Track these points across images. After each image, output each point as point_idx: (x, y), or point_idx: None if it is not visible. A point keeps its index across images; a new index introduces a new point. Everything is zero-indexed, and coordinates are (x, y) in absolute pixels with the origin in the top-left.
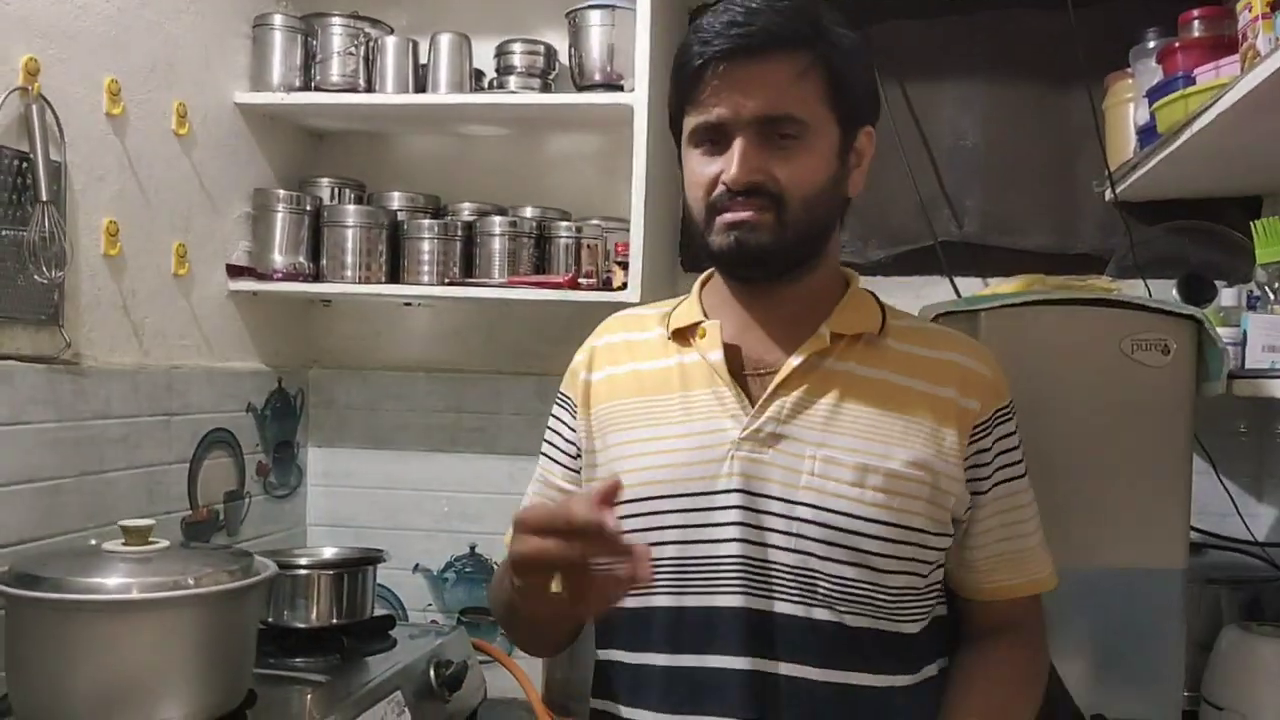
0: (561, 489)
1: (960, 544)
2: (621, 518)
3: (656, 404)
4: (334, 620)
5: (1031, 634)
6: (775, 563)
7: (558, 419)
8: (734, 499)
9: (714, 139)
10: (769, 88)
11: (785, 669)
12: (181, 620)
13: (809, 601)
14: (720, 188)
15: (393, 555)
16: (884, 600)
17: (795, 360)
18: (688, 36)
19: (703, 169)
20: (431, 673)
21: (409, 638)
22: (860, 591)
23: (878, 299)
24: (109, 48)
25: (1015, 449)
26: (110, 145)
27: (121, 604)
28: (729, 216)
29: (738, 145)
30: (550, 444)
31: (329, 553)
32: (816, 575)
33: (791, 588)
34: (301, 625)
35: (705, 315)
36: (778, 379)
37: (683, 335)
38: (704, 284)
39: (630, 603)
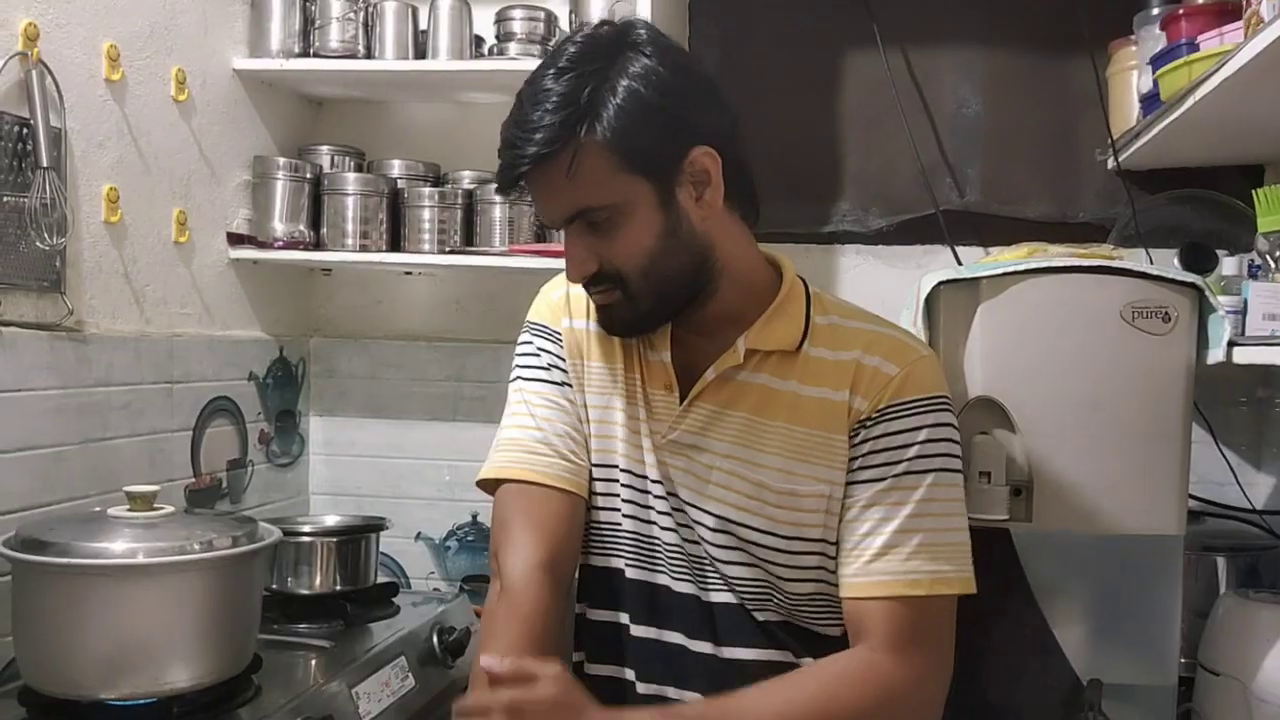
0: (572, 406)
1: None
2: (594, 480)
3: (617, 374)
4: (337, 587)
5: (893, 642)
6: (697, 556)
7: (545, 350)
8: (659, 490)
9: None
10: (557, 193)
11: (727, 652)
12: (187, 585)
13: (733, 591)
14: None
15: (395, 524)
16: (794, 604)
17: (710, 375)
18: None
19: None
20: (435, 639)
21: (412, 605)
22: (769, 592)
23: (809, 298)
24: (108, 12)
25: (908, 446)
26: (110, 111)
27: (128, 569)
28: (595, 300)
29: (565, 244)
30: (549, 367)
31: (331, 520)
32: (729, 575)
33: (716, 577)
34: (305, 592)
35: None
36: (694, 391)
37: None
38: None
39: (597, 562)
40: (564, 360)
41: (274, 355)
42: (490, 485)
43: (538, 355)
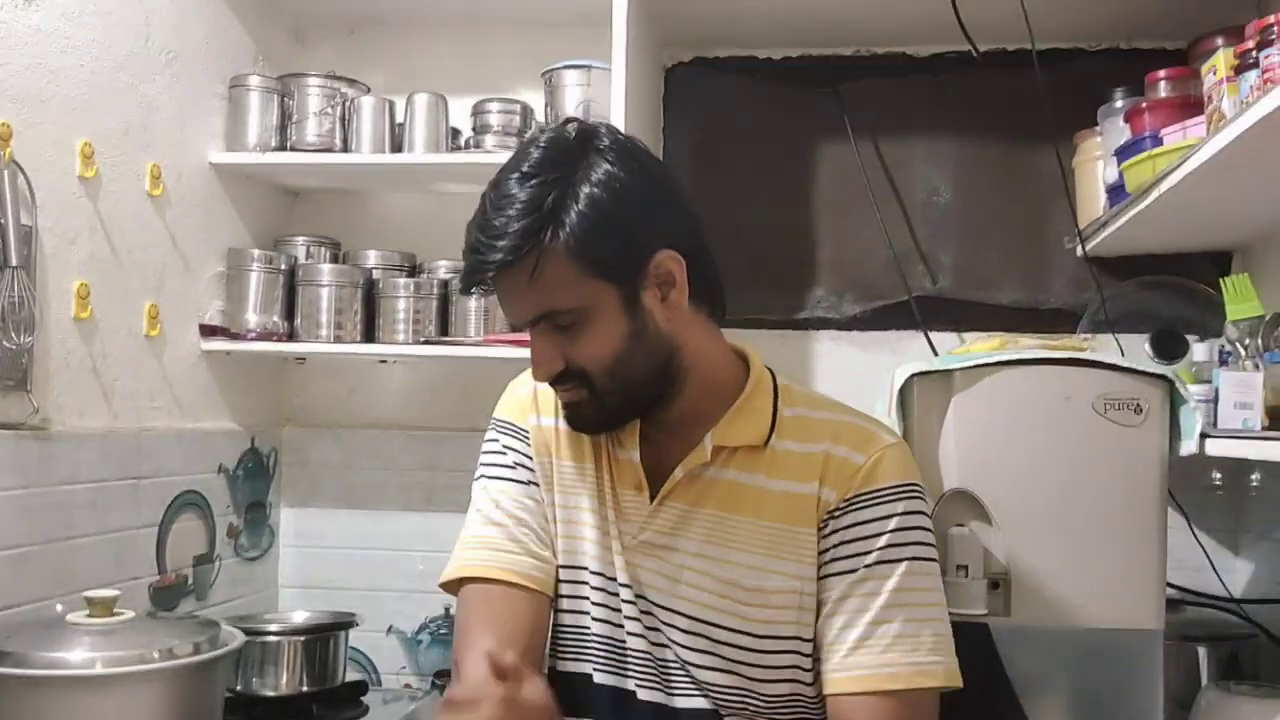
0: (538, 505)
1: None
2: (561, 581)
3: (586, 473)
4: (304, 688)
5: None
6: (665, 660)
7: (512, 448)
8: (628, 594)
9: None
10: (521, 297)
11: None
12: (147, 693)
13: (706, 697)
14: None
15: (366, 617)
16: (770, 709)
17: (679, 474)
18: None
19: None
20: None
21: (382, 703)
22: (743, 698)
23: (776, 390)
24: (82, 111)
25: (878, 535)
26: (82, 208)
27: (85, 679)
28: (561, 398)
29: (531, 344)
30: (515, 465)
31: (299, 618)
32: (703, 680)
33: (688, 683)
34: (270, 694)
35: None
36: (663, 491)
37: None
38: None
39: (565, 667)
40: (531, 459)
41: (245, 446)
42: (454, 586)
43: (504, 454)
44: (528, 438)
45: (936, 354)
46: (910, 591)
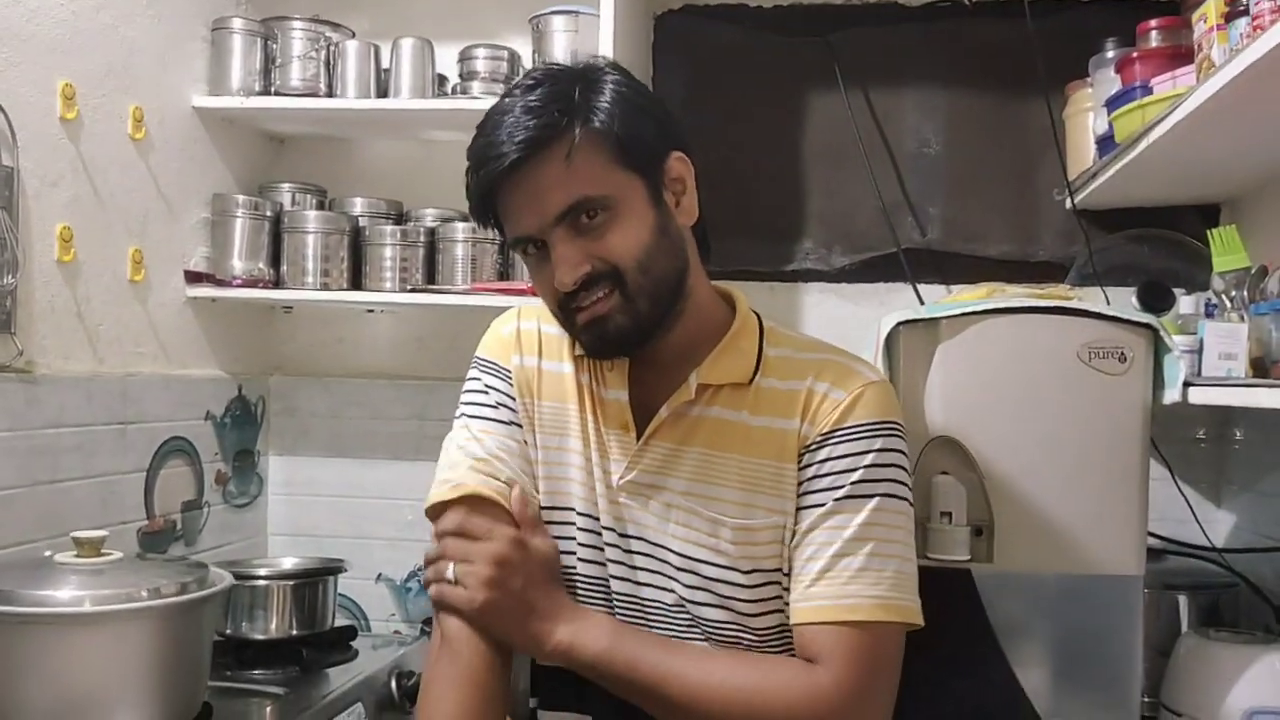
0: (521, 446)
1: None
2: (548, 522)
3: (570, 414)
4: (293, 631)
5: (833, 673)
6: (648, 600)
7: (494, 388)
8: (613, 535)
9: (536, 245)
10: (552, 186)
11: None
12: (134, 633)
13: (688, 635)
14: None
15: (355, 565)
16: (756, 640)
17: (664, 412)
18: (469, 162)
19: (542, 279)
20: (393, 684)
21: (371, 648)
22: (736, 632)
23: (762, 330)
24: (63, 51)
25: (852, 470)
26: (64, 150)
27: (73, 617)
28: (582, 316)
29: (554, 249)
30: (497, 405)
31: (288, 563)
32: (692, 615)
33: (666, 623)
34: (260, 637)
35: None
36: (649, 430)
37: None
38: None
39: None
40: (514, 399)
41: (232, 394)
42: (437, 513)
43: (486, 393)
44: (510, 377)
45: (924, 306)
46: (878, 527)
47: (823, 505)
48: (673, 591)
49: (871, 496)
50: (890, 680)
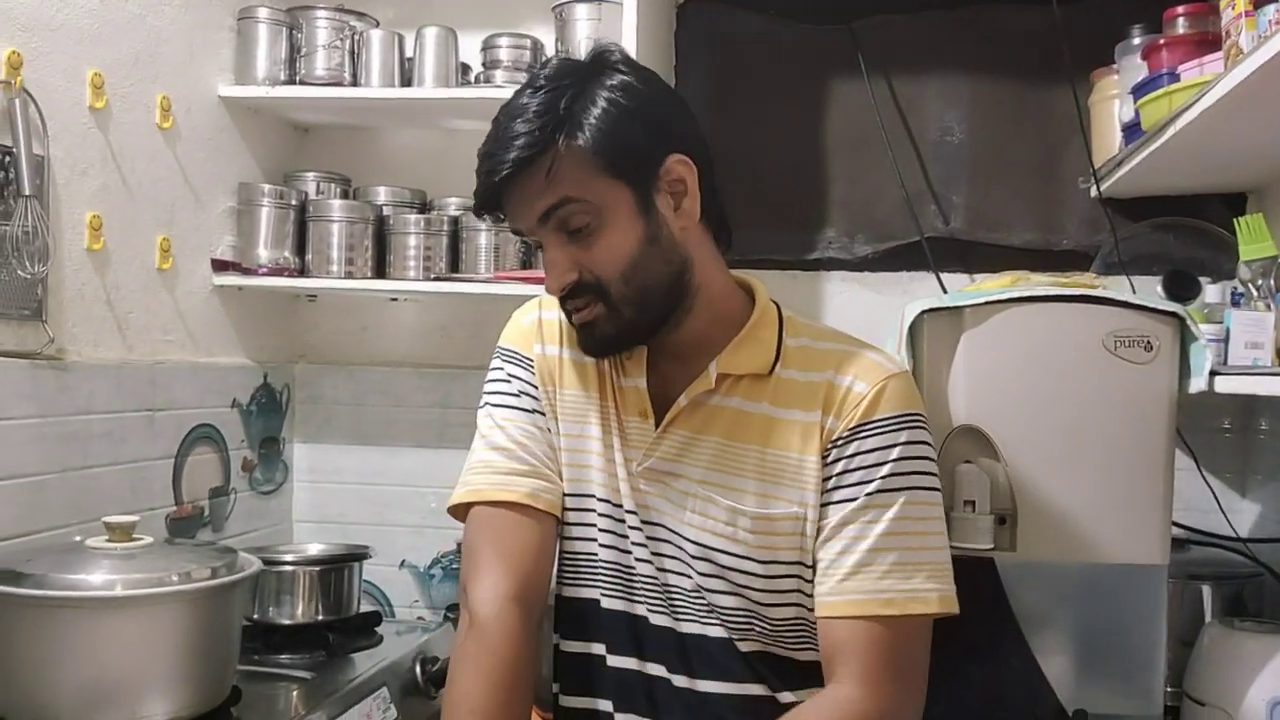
0: (544, 434)
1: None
2: (568, 510)
3: (591, 401)
4: (319, 617)
5: (864, 670)
6: (674, 586)
7: (517, 376)
8: (634, 520)
9: (535, 242)
10: (536, 198)
11: (702, 685)
12: (165, 617)
13: (707, 621)
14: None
15: (379, 551)
16: (771, 629)
17: (683, 400)
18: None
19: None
20: (417, 669)
21: (395, 634)
22: (751, 621)
23: (781, 322)
24: (92, 40)
25: (881, 464)
26: (93, 139)
27: (105, 600)
28: (574, 318)
29: (546, 253)
30: (520, 393)
31: (314, 549)
32: (709, 601)
33: (688, 608)
34: (286, 622)
35: None
36: (668, 417)
37: None
38: None
39: (571, 593)
40: (536, 387)
41: (258, 382)
42: (462, 511)
43: (509, 381)
44: (532, 366)
45: (947, 294)
46: (910, 520)
47: (854, 500)
48: (690, 577)
49: (902, 490)
50: (923, 676)
